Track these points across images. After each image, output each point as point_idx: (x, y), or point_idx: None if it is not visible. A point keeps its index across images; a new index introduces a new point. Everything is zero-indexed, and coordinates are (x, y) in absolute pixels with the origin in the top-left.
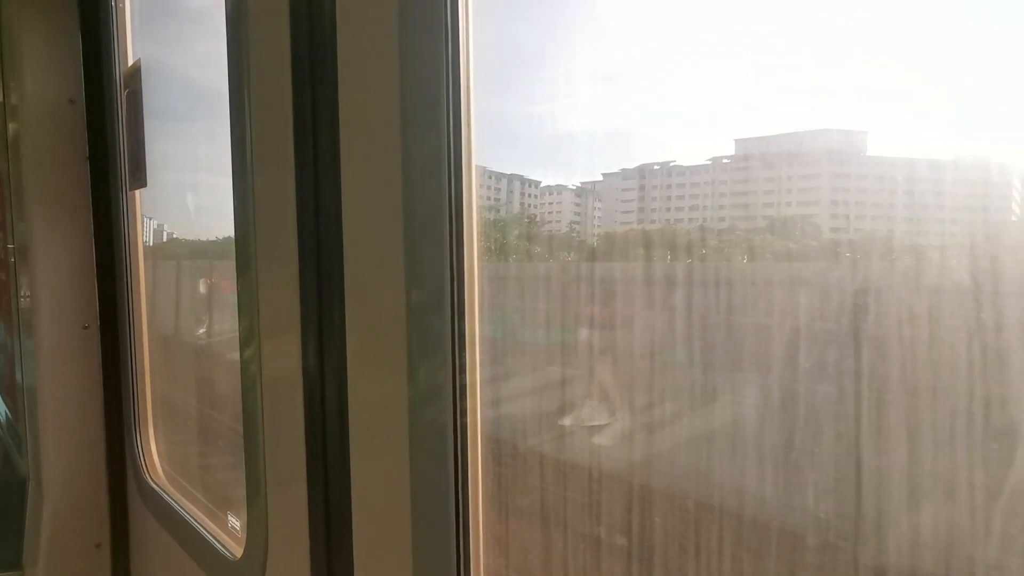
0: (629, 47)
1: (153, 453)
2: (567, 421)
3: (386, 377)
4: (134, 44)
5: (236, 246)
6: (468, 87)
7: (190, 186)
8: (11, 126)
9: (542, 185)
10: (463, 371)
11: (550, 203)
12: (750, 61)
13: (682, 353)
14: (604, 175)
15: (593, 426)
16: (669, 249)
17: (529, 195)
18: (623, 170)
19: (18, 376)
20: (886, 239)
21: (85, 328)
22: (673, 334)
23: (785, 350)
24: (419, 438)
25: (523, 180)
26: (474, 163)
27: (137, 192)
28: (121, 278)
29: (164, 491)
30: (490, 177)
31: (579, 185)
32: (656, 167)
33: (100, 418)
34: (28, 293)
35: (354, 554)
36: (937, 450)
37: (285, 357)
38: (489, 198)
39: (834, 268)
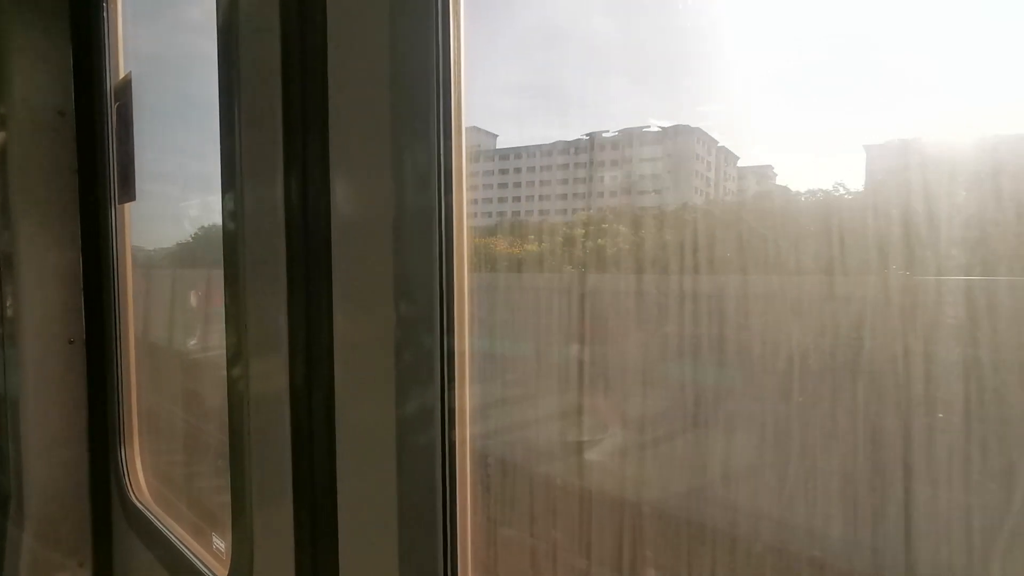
0: None
1: (138, 471)
2: None
3: (374, 393)
4: (125, 57)
5: (224, 259)
6: (459, 98)
7: (179, 199)
8: None
9: (740, 164)
10: (452, 387)
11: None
12: None
13: None
14: (867, 147)
15: None
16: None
17: (727, 177)
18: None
19: (0, 389)
20: None
21: (70, 343)
22: None
23: None
24: (407, 456)
25: (728, 153)
26: (464, 175)
27: (126, 206)
28: (108, 292)
29: (148, 509)
30: (699, 143)
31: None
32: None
33: (84, 435)
34: (12, 304)
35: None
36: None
37: (272, 374)
38: (700, 175)
39: None
